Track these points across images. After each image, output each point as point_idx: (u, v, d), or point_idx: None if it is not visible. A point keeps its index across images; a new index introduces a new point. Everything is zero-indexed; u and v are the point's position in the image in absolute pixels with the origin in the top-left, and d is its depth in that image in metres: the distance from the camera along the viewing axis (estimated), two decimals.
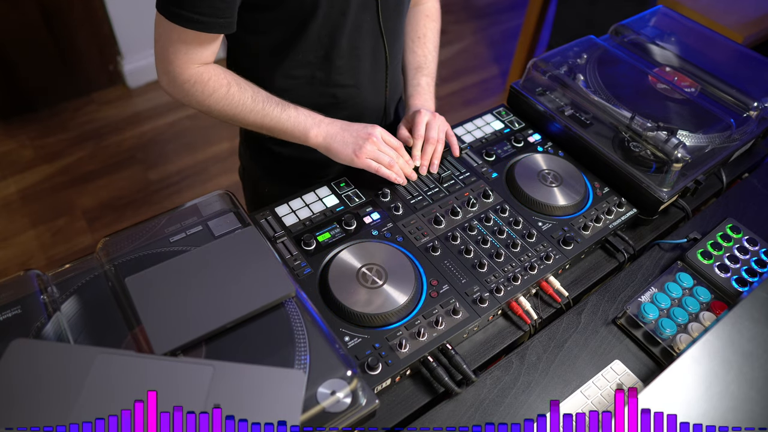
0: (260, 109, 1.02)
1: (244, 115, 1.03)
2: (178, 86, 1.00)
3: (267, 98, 1.03)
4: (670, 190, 1.08)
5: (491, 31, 3.53)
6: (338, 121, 1.07)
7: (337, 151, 1.05)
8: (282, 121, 1.03)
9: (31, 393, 0.65)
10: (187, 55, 0.96)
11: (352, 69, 1.11)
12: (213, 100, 1.00)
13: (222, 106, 1.01)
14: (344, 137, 1.05)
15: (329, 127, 1.06)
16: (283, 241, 0.99)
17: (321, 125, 1.05)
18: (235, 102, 1.01)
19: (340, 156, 1.05)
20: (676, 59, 1.37)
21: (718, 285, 1.01)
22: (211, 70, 1.00)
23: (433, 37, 1.25)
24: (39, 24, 2.49)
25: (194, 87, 0.99)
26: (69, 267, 0.86)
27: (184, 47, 0.95)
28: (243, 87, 1.02)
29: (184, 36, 0.93)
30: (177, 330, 0.74)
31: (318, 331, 0.79)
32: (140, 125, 2.74)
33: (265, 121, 1.03)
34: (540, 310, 0.98)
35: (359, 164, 1.04)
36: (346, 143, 1.04)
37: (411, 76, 1.21)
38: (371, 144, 1.04)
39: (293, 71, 1.09)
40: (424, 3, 1.26)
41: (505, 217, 1.06)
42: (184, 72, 0.97)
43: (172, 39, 0.94)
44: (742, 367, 0.79)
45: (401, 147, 1.08)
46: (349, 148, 1.04)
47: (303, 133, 1.05)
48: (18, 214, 2.34)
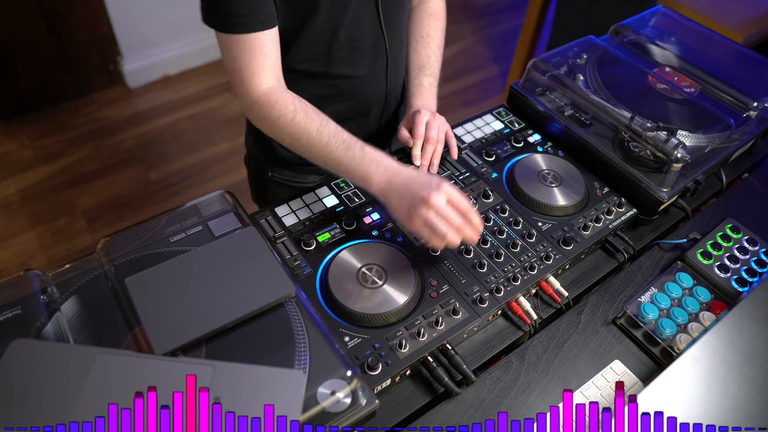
0: (324, 144, 0.96)
1: (308, 147, 0.98)
2: (249, 108, 1.01)
3: (334, 133, 0.97)
4: (670, 190, 1.08)
5: (491, 31, 3.53)
6: (405, 170, 0.93)
7: (394, 207, 0.92)
8: (344, 161, 0.95)
9: (31, 393, 0.65)
10: (249, 68, 0.97)
11: (354, 61, 1.12)
12: (279, 126, 0.98)
13: (287, 134, 0.99)
14: (403, 192, 0.90)
15: (394, 175, 0.92)
16: (283, 241, 0.99)
17: (386, 171, 0.93)
18: (300, 131, 0.97)
19: (396, 213, 0.92)
20: (676, 59, 1.37)
21: (718, 285, 1.02)
22: (280, 93, 0.99)
23: (437, 37, 1.24)
24: (39, 24, 2.49)
25: (262, 110, 0.99)
26: (69, 267, 0.86)
27: (244, 58, 0.96)
28: (310, 116, 0.98)
29: (238, 45, 0.95)
30: (177, 330, 0.74)
31: (318, 331, 0.79)
32: (140, 125, 2.74)
33: (328, 158, 0.97)
34: (540, 310, 0.98)
35: (409, 228, 0.90)
36: (403, 200, 0.90)
37: (413, 75, 1.20)
38: (428, 208, 0.87)
39: (296, 65, 1.10)
40: (429, 1, 1.25)
41: (505, 217, 1.06)
42: (253, 91, 0.98)
43: (232, 54, 0.96)
44: (742, 367, 0.79)
45: (470, 211, 0.89)
46: (404, 208, 0.90)
47: (364, 180, 0.94)
48: (18, 214, 2.34)
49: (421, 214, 0.87)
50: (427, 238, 0.89)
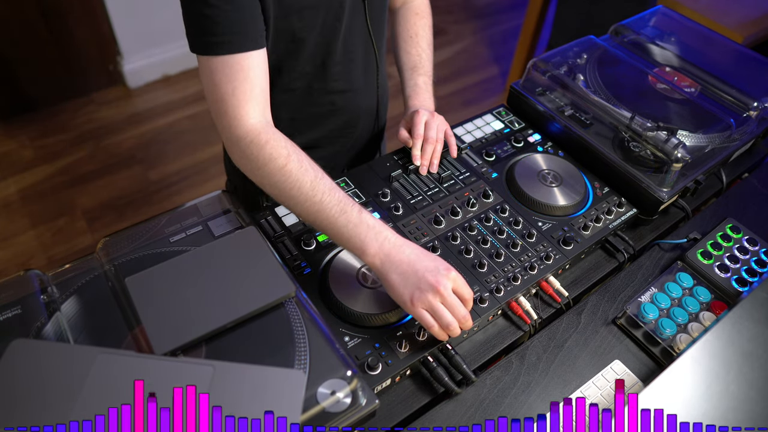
0: (317, 201, 0.85)
1: (296, 202, 0.87)
2: (233, 144, 0.90)
3: (329, 190, 0.86)
4: (670, 190, 1.08)
5: (491, 31, 3.53)
6: (408, 246, 0.84)
7: (392, 285, 0.82)
8: (339, 224, 0.85)
9: (31, 393, 0.65)
10: (235, 96, 0.87)
11: (348, 74, 1.11)
12: (267, 170, 0.87)
13: (275, 180, 0.87)
14: (407, 273, 0.82)
15: (393, 253, 0.83)
16: (283, 241, 0.99)
17: (384, 245, 0.83)
18: (292, 181, 0.86)
19: (395, 294, 0.83)
20: (676, 59, 1.37)
21: (718, 285, 1.01)
22: (271, 132, 0.89)
23: (426, 35, 1.23)
24: (39, 24, 2.49)
25: (249, 147, 0.88)
26: (69, 267, 0.86)
27: (229, 84, 0.87)
28: (305, 166, 0.87)
29: (223, 68, 0.87)
30: (177, 330, 0.74)
31: (318, 331, 0.79)
32: (140, 125, 2.74)
33: (320, 217, 0.86)
34: (540, 310, 0.98)
35: (412, 313, 0.83)
36: (407, 282, 0.82)
37: (408, 76, 1.20)
38: (435, 295, 0.81)
39: (291, 84, 1.07)
40: (412, 0, 1.25)
41: (505, 217, 1.06)
42: (240, 125, 0.88)
43: (214, 79, 0.88)
44: (742, 367, 0.79)
45: (471, 300, 0.85)
46: (408, 290, 0.81)
47: (359, 249, 0.84)
48: (18, 214, 2.34)
49: (427, 300, 0.81)
50: (429, 324, 0.82)
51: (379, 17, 1.10)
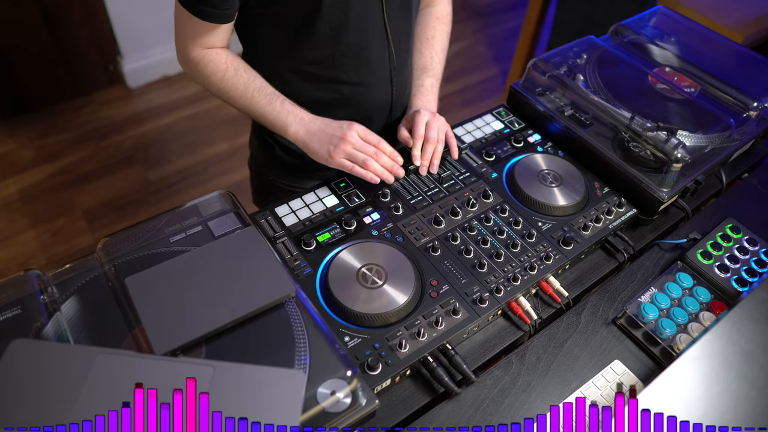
0: (249, 97, 1.07)
1: (235, 101, 1.09)
2: (184, 64, 1.09)
3: (259, 88, 1.07)
4: (670, 190, 1.08)
5: (491, 31, 3.53)
6: (319, 119, 1.07)
7: (314, 150, 1.06)
8: (266, 113, 1.07)
9: (31, 393, 0.65)
10: (193, 39, 1.04)
11: (359, 68, 1.12)
12: (209, 82, 1.08)
13: (217, 89, 1.09)
14: (321, 137, 1.05)
15: (309, 124, 1.07)
16: (283, 241, 0.99)
17: (302, 122, 1.07)
18: (228, 87, 1.07)
19: (317, 156, 1.06)
20: (676, 59, 1.37)
21: (718, 285, 1.01)
22: (214, 54, 1.06)
23: (442, 40, 1.25)
24: (39, 24, 2.49)
25: (197, 68, 1.07)
26: (69, 267, 0.86)
27: (191, 30, 1.03)
28: (239, 74, 1.07)
29: (189, 20, 1.01)
30: (177, 330, 0.74)
31: (318, 331, 0.79)
32: (140, 125, 2.74)
33: (252, 110, 1.08)
34: (540, 311, 0.98)
35: (334, 164, 1.04)
36: (322, 143, 1.05)
37: (416, 76, 1.21)
38: (345, 143, 1.03)
39: (300, 67, 1.11)
40: (437, 5, 1.26)
41: (505, 218, 1.06)
42: (190, 52, 1.06)
43: (182, 21, 1.03)
44: (742, 367, 0.79)
45: (381, 142, 1.06)
46: (324, 148, 1.04)
47: (283, 128, 1.07)
48: (18, 214, 2.34)
49: (341, 149, 1.03)
50: (349, 168, 1.03)
51: (401, 18, 1.11)
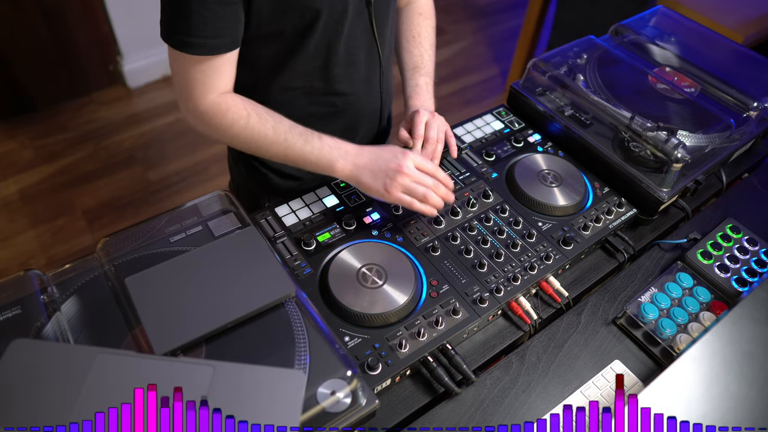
0: (282, 141, 0.97)
1: (267, 148, 0.98)
2: (198, 118, 0.97)
3: (289, 128, 0.97)
4: (670, 190, 1.08)
5: (491, 31, 3.53)
6: (366, 150, 0.98)
7: (367, 185, 0.97)
8: (305, 153, 0.97)
9: (31, 393, 0.65)
10: (204, 85, 0.94)
11: (349, 76, 1.10)
12: (232, 132, 0.97)
13: (243, 138, 0.98)
14: (373, 170, 0.96)
15: (357, 158, 0.97)
16: (283, 241, 0.99)
17: (348, 156, 0.97)
18: (256, 133, 0.97)
19: (371, 191, 0.97)
20: (676, 59, 1.37)
21: (718, 285, 1.01)
22: (230, 100, 0.97)
23: (429, 36, 1.23)
24: (39, 24, 2.49)
25: (213, 119, 0.96)
26: (69, 267, 0.86)
27: (199, 75, 0.93)
28: (263, 117, 0.97)
29: (195, 64, 0.92)
30: (177, 330, 0.74)
31: (318, 331, 0.79)
32: (140, 125, 2.74)
33: (289, 153, 0.98)
34: (540, 310, 0.98)
35: (391, 200, 0.96)
36: (376, 177, 0.96)
37: (409, 76, 1.20)
38: (403, 176, 0.95)
39: (292, 83, 1.07)
40: (416, 1, 1.24)
41: (505, 217, 1.06)
42: (202, 102, 0.95)
43: (186, 69, 0.93)
44: (742, 367, 0.79)
45: (437, 170, 0.99)
46: (380, 183, 0.95)
47: (329, 166, 0.98)
48: (18, 214, 2.34)
49: (398, 182, 0.95)
50: (408, 203, 0.96)
51: (384, 21, 1.09)
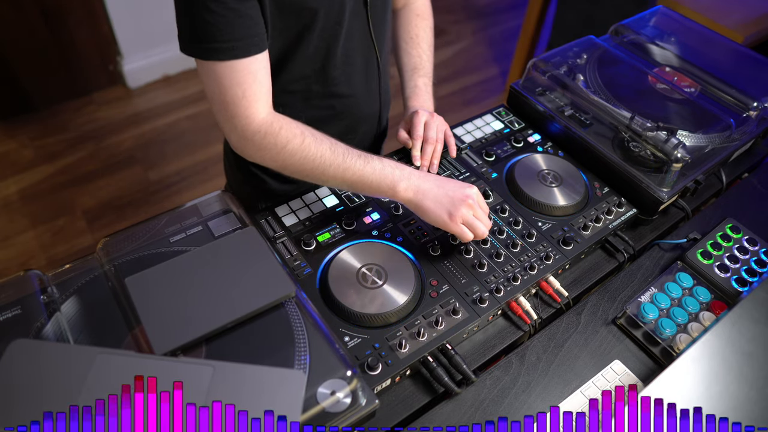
0: (341, 162, 0.93)
1: (323, 169, 0.93)
2: (248, 140, 0.92)
3: (347, 150, 0.95)
4: (669, 190, 1.08)
5: (491, 31, 3.53)
6: (430, 176, 0.97)
7: (429, 210, 0.94)
8: (366, 174, 0.93)
9: (31, 393, 0.65)
10: (246, 97, 0.89)
11: (348, 78, 1.09)
12: (287, 152, 0.92)
13: (298, 158, 0.92)
14: (438, 195, 0.94)
15: (421, 181, 0.95)
16: (283, 241, 0.99)
17: (411, 178, 0.95)
18: (312, 154, 0.92)
19: (432, 216, 0.94)
20: (676, 59, 1.37)
21: (718, 285, 1.02)
22: (281, 119, 0.93)
23: (427, 36, 1.23)
24: (39, 24, 2.49)
25: (266, 138, 0.91)
26: (69, 267, 0.86)
27: (239, 88, 0.88)
28: (318, 138, 0.94)
29: (230, 72, 0.87)
30: (177, 330, 0.74)
31: (318, 331, 0.79)
32: (140, 125, 2.74)
33: (347, 175, 0.94)
34: (540, 310, 0.98)
35: (451, 228, 0.94)
36: (440, 203, 0.94)
37: (408, 77, 1.20)
38: (468, 208, 0.94)
39: (290, 86, 1.06)
40: (414, 2, 1.24)
41: (505, 217, 1.06)
42: (253, 120, 0.90)
43: (221, 82, 0.88)
44: (742, 367, 0.79)
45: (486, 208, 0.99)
46: (444, 209, 0.93)
47: (391, 187, 0.94)
48: (18, 214, 2.34)
49: (462, 213, 0.93)
50: (467, 237, 0.94)
51: (381, 22, 1.09)
